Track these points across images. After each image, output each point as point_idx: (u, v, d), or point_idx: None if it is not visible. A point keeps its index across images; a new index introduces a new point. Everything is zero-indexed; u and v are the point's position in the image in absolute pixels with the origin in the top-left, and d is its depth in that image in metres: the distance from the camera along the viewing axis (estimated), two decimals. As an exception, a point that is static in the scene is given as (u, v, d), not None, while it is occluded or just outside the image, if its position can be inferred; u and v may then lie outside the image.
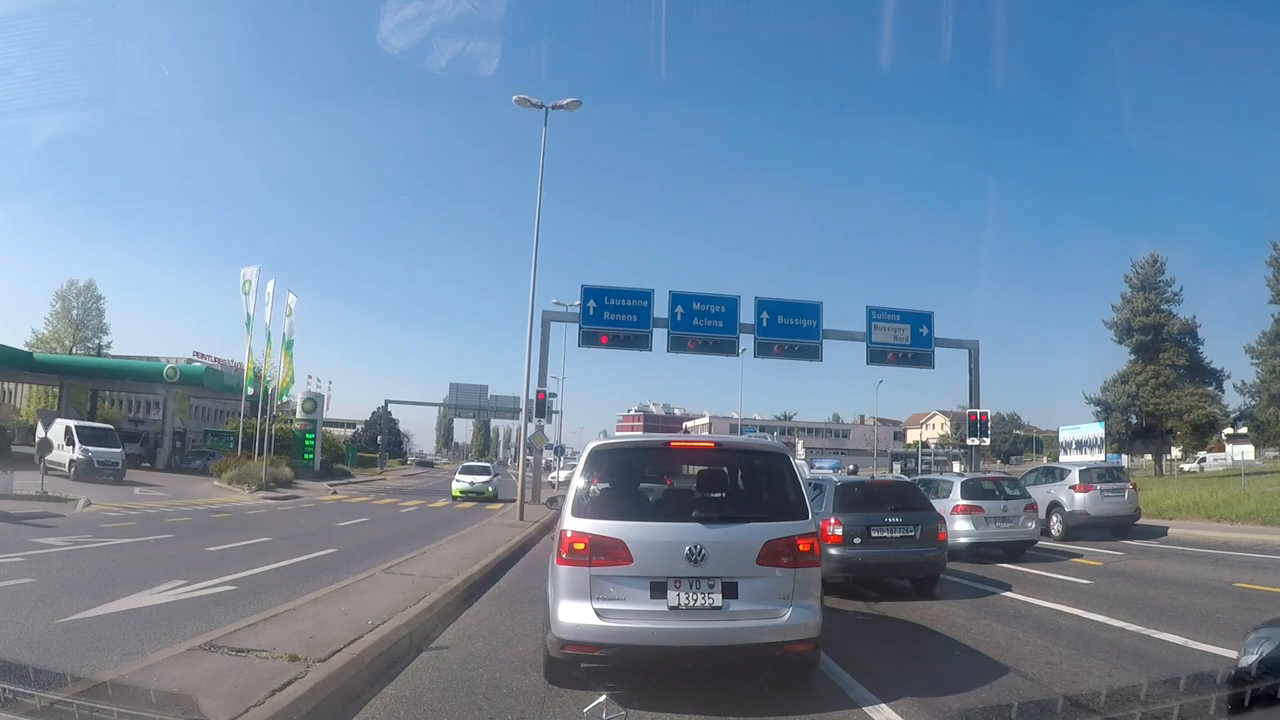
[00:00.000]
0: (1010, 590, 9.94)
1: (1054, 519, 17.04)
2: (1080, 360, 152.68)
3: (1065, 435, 41.35)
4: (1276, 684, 2.92)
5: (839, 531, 9.41)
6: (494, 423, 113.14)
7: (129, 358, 51.00)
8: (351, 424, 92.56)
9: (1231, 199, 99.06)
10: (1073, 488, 17.05)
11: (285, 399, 40.31)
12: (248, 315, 32.54)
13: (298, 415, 46.10)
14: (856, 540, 9.45)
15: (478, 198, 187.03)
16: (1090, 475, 17.35)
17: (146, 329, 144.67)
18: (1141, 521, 17.72)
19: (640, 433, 56.09)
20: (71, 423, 30.59)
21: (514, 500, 20.18)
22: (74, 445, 28.82)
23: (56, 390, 42.67)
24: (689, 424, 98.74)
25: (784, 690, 5.09)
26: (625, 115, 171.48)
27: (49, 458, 27.93)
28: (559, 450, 41.78)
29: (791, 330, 29.36)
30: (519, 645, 6.38)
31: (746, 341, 29.61)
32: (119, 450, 29.97)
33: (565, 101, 20.16)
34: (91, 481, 26.52)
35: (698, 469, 6.04)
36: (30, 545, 11.52)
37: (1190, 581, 10.55)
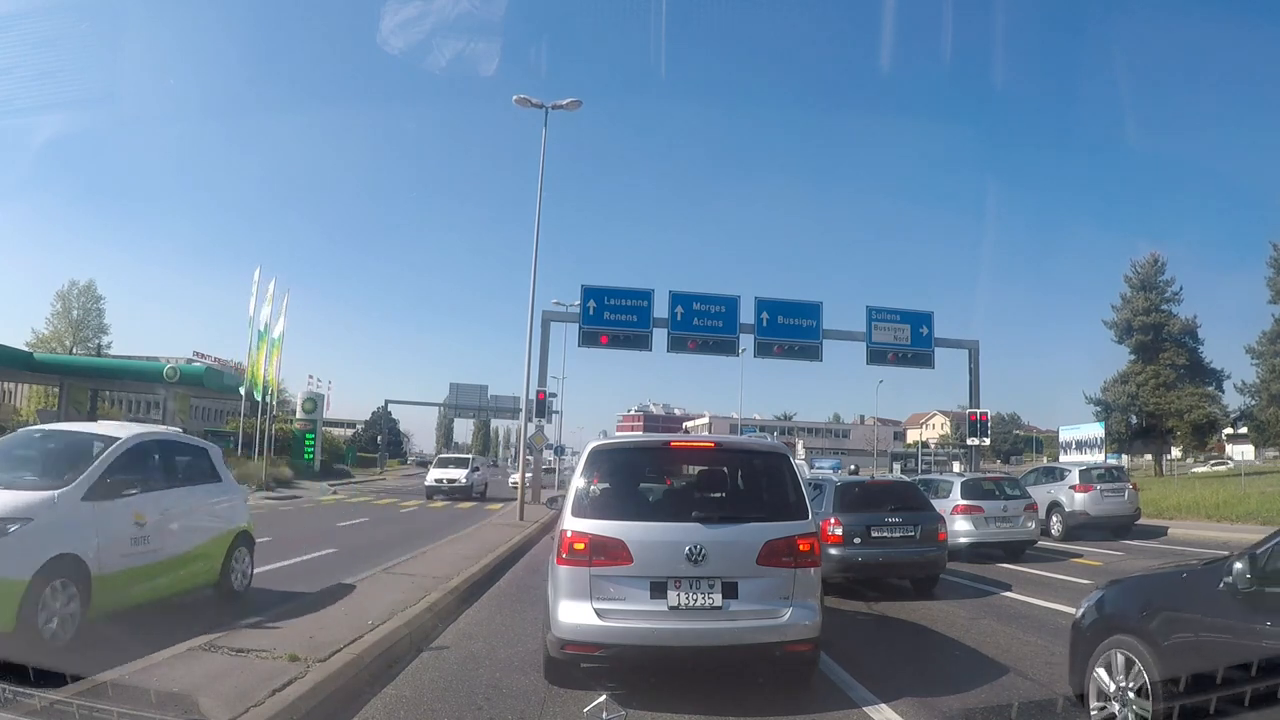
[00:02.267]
0: (1010, 590, 9.94)
1: (1054, 519, 17.04)
2: (1080, 360, 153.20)
3: (1065, 435, 41.43)
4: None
5: (839, 531, 9.41)
6: (494, 423, 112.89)
7: (129, 358, 51.02)
8: (351, 424, 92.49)
9: (1231, 199, 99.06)
10: (1073, 488, 17.05)
11: (279, 394, 40.03)
12: (251, 318, 32.43)
13: (298, 415, 46.09)
14: (856, 540, 9.45)
15: (478, 198, 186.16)
16: (1090, 475, 17.35)
17: (146, 329, 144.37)
18: (1141, 521, 17.74)
19: (640, 433, 56.08)
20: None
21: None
22: None
23: (56, 390, 42.68)
24: (689, 424, 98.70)
25: (784, 690, 5.09)
26: (625, 115, 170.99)
27: None
28: (559, 450, 41.28)
29: (791, 330, 29.32)
30: (519, 645, 6.38)
31: (746, 341, 29.59)
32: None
33: (565, 101, 20.13)
34: None
35: (698, 469, 6.05)
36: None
37: (1190, 581, 10.53)
